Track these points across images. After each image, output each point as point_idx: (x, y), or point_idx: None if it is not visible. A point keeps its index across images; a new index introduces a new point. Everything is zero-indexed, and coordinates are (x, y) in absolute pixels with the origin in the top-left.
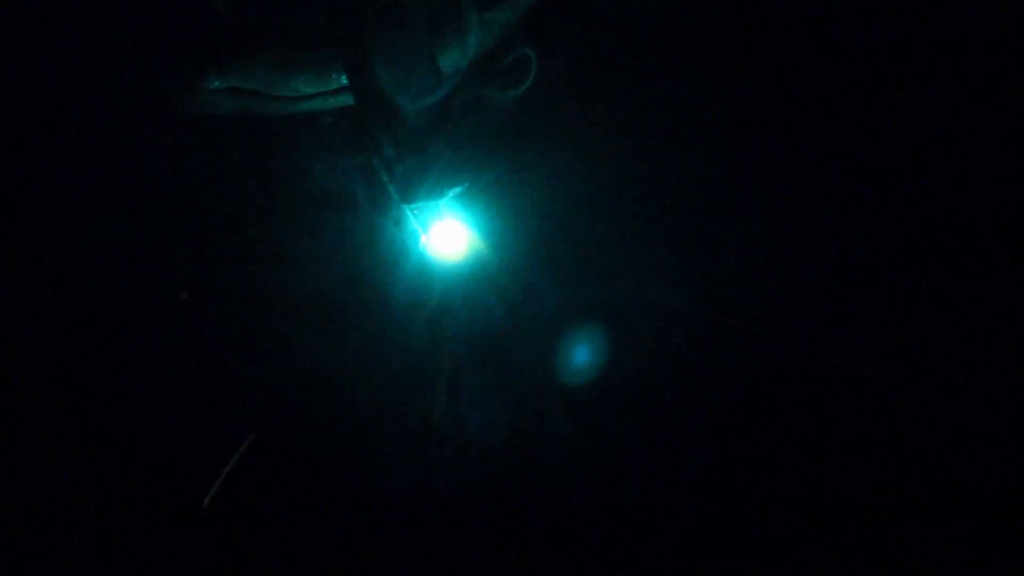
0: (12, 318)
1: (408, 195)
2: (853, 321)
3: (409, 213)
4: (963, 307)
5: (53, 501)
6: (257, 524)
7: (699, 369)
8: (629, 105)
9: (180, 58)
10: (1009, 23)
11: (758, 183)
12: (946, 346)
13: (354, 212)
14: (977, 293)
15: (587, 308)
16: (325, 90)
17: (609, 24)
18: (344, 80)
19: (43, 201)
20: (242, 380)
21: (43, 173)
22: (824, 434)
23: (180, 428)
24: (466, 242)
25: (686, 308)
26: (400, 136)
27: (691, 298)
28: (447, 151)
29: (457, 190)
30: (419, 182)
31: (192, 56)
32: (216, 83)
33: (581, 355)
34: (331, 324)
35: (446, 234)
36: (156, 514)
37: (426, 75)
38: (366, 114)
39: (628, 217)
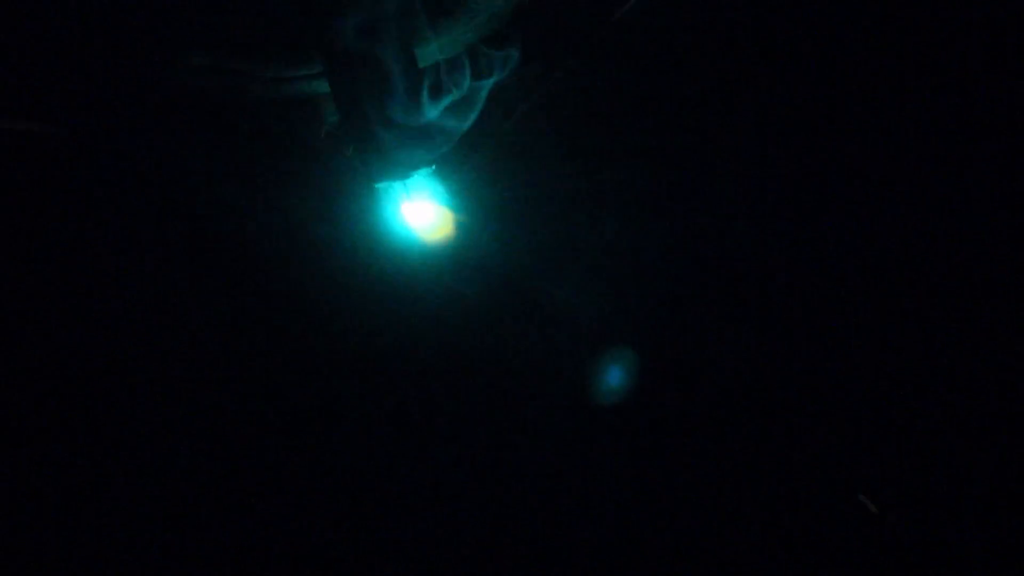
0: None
1: (379, 173)
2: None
3: (381, 192)
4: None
5: (52, 501)
6: (256, 524)
7: (699, 364)
8: (619, 94)
9: (159, 32)
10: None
11: (750, 178)
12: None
13: (328, 191)
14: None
15: (571, 293)
16: (308, 73)
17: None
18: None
19: (19, 189)
20: (233, 376)
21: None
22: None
23: (172, 426)
24: (440, 220)
25: (673, 300)
26: (372, 116)
27: (683, 291)
28: (419, 130)
29: (428, 169)
30: (390, 160)
31: (172, 30)
32: (196, 59)
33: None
34: (317, 314)
35: (419, 212)
36: (155, 514)
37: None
38: (340, 95)
39: (614, 201)
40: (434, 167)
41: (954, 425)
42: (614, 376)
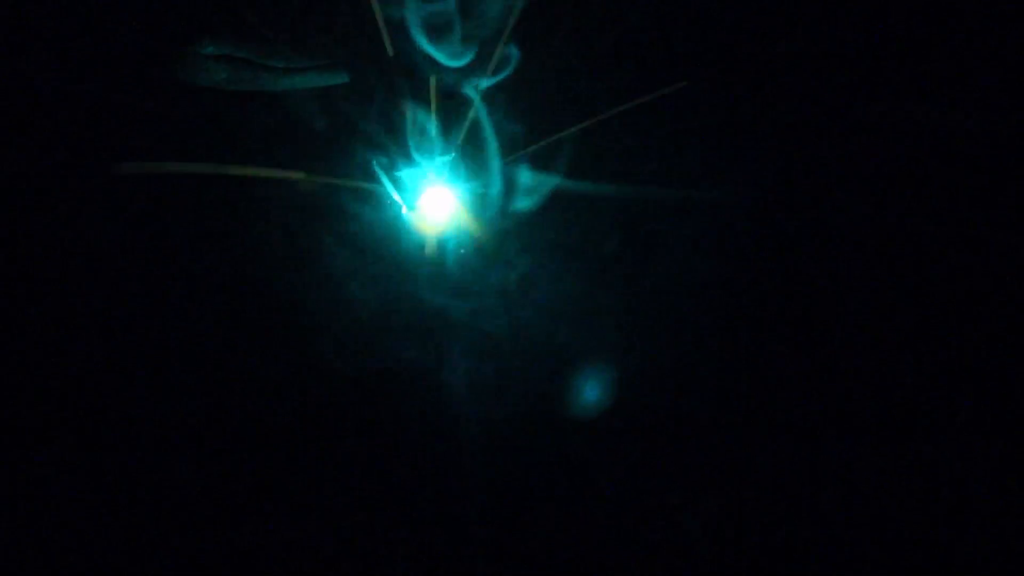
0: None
1: (392, 166)
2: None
3: (394, 183)
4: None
5: (52, 501)
6: (257, 524)
7: (701, 364)
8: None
9: (172, 20)
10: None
11: (750, 177)
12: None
13: (337, 186)
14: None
15: (586, 290)
16: (319, 63)
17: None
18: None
19: (18, 178)
20: (233, 374)
21: (21, 143)
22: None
23: (169, 428)
24: (454, 213)
25: (681, 299)
26: (389, 103)
27: (687, 290)
28: (431, 117)
29: (445, 159)
30: (405, 152)
31: (185, 18)
32: (209, 48)
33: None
34: (319, 310)
35: (433, 204)
36: (155, 514)
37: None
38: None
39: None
40: (452, 156)
41: (953, 425)
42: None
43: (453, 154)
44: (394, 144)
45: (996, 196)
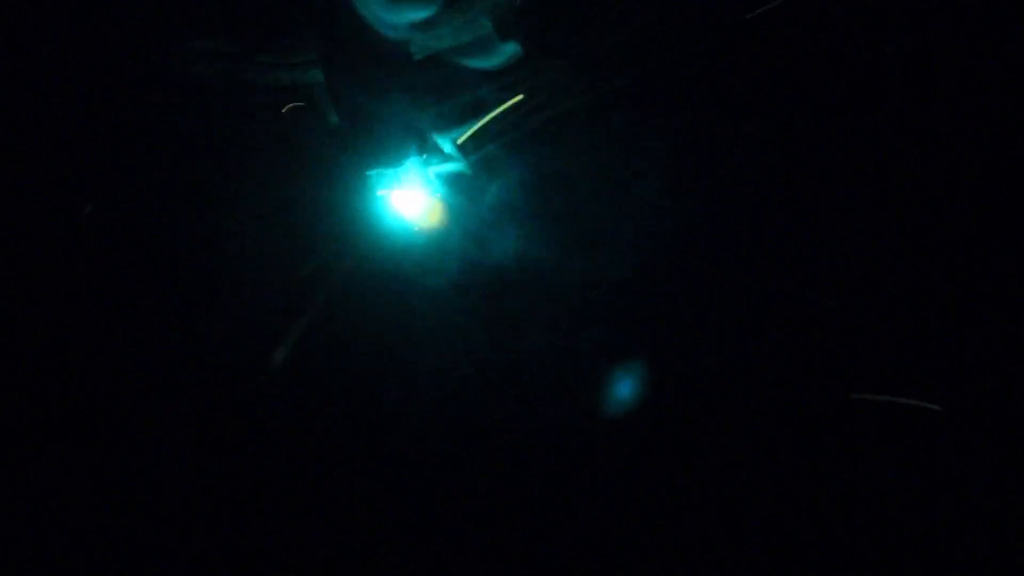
0: None
1: (366, 159)
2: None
3: (371, 179)
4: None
5: (51, 501)
6: (254, 523)
7: (681, 353)
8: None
9: (160, 16)
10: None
11: (759, 180)
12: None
13: (321, 184)
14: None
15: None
16: (304, 59)
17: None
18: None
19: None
20: (225, 368)
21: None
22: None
23: (165, 423)
24: (432, 212)
25: (659, 296)
26: (362, 97)
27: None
28: (405, 113)
29: (418, 158)
30: (376, 144)
31: (173, 14)
32: (197, 44)
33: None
34: (308, 309)
35: (411, 201)
36: (154, 514)
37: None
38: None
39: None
40: (424, 156)
41: (954, 426)
42: (615, 379)
43: (432, 151)
44: (379, 139)
45: (996, 196)
